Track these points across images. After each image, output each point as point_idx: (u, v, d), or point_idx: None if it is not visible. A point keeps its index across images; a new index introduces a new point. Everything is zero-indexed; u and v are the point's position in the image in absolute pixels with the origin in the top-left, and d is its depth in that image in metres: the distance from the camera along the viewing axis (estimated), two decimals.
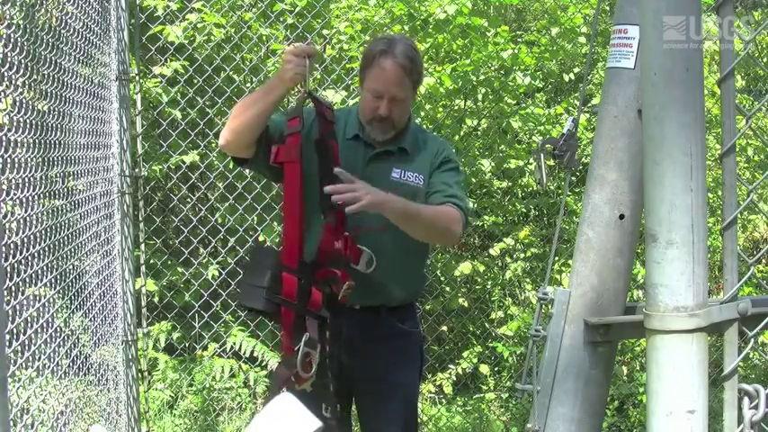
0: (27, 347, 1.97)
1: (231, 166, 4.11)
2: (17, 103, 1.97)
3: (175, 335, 4.18)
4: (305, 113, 2.15)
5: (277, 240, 4.03)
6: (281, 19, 4.15)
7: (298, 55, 2.01)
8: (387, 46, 2.19)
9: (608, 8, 4.82)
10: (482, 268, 4.47)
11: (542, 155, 1.68)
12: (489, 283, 4.60)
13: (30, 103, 2.11)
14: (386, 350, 2.28)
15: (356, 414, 2.41)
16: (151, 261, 4.05)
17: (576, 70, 5.09)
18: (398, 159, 2.27)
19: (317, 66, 4.34)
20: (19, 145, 1.95)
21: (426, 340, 4.31)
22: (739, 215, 1.35)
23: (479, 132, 4.74)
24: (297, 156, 2.05)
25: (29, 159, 2.05)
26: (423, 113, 4.36)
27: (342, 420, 2.39)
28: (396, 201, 2.03)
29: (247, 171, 3.99)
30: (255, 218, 4.08)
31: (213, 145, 4.25)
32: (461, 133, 4.64)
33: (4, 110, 1.93)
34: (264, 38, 4.12)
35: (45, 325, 2.15)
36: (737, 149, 4.16)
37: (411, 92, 2.25)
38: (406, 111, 2.28)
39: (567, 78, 5.07)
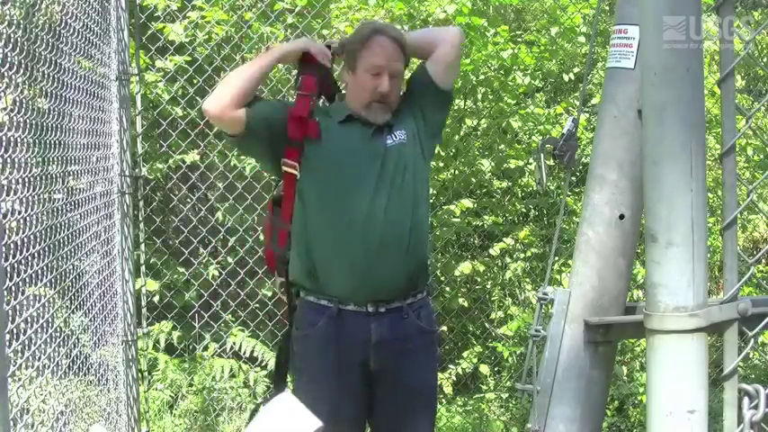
0: (27, 347, 1.97)
1: (232, 164, 4.11)
2: (17, 103, 1.97)
3: (175, 335, 4.18)
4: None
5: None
6: (281, 19, 4.15)
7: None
8: (378, 26, 2.31)
9: (608, 8, 4.82)
10: (482, 268, 4.46)
11: (542, 155, 1.68)
12: (489, 283, 4.59)
13: (29, 102, 2.12)
14: (409, 351, 2.20)
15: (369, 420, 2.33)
16: (151, 261, 4.05)
17: (576, 70, 5.08)
18: (389, 127, 2.26)
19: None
20: (19, 144, 1.95)
21: None
22: (739, 215, 1.35)
23: (479, 132, 4.74)
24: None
25: (29, 159, 2.05)
26: None
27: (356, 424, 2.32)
28: None
29: (248, 171, 3.99)
30: (255, 218, 4.08)
31: (213, 145, 4.25)
32: (461, 133, 4.63)
33: (5, 108, 1.93)
34: (265, 37, 4.12)
35: (45, 325, 2.15)
36: (737, 149, 4.15)
37: (404, 71, 2.31)
38: (400, 91, 2.32)
39: (566, 78, 5.06)
